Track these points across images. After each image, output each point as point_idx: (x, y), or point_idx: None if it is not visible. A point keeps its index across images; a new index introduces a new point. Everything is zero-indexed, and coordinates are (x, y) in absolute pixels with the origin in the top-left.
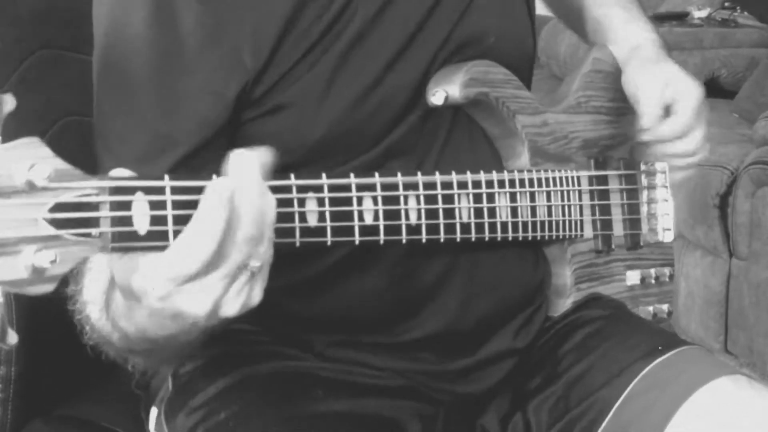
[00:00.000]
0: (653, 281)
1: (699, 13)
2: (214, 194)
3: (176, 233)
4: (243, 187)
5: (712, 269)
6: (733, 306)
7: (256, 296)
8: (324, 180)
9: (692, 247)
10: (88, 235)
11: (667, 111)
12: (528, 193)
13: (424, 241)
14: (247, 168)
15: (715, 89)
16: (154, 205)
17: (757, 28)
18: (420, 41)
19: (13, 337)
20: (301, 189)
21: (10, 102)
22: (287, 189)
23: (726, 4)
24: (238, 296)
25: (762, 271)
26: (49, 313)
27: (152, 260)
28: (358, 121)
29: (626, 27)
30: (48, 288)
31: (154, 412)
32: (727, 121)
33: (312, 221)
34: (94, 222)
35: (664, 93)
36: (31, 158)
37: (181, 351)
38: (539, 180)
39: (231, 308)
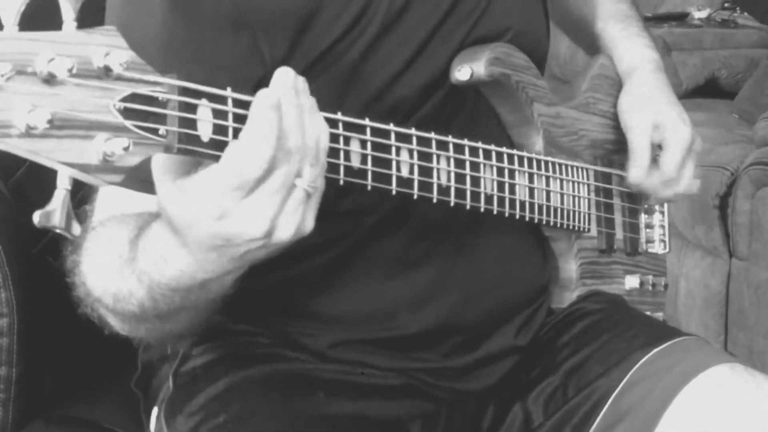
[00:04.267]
0: (650, 288)
1: (699, 14)
2: (264, 99)
3: None
4: (288, 95)
5: (712, 269)
6: (733, 306)
7: (309, 222)
8: (367, 122)
9: (692, 247)
10: (155, 132)
11: (657, 149)
12: (544, 177)
13: (452, 204)
14: (289, 80)
15: (714, 90)
16: (217, 114)
17: (757, 29)
18: (439, 41)
19: (77, 229)
20: (347, 126)
21: None
22: (334, 124)
23: (726, 4)
24: (293, 216)
25: (762, 271)
26: (50, 315)
27: (211, 170)
28: (377, 115)
29: (624, 45)
30: (115, 179)
31: (155, 412)
32: (726, 121)
33: (355, 162)
34: (161, 120)
35: (653, 136)
36: (108, 46)
37: (204, 311)
38: (554, 166)
39: (285, 230)
